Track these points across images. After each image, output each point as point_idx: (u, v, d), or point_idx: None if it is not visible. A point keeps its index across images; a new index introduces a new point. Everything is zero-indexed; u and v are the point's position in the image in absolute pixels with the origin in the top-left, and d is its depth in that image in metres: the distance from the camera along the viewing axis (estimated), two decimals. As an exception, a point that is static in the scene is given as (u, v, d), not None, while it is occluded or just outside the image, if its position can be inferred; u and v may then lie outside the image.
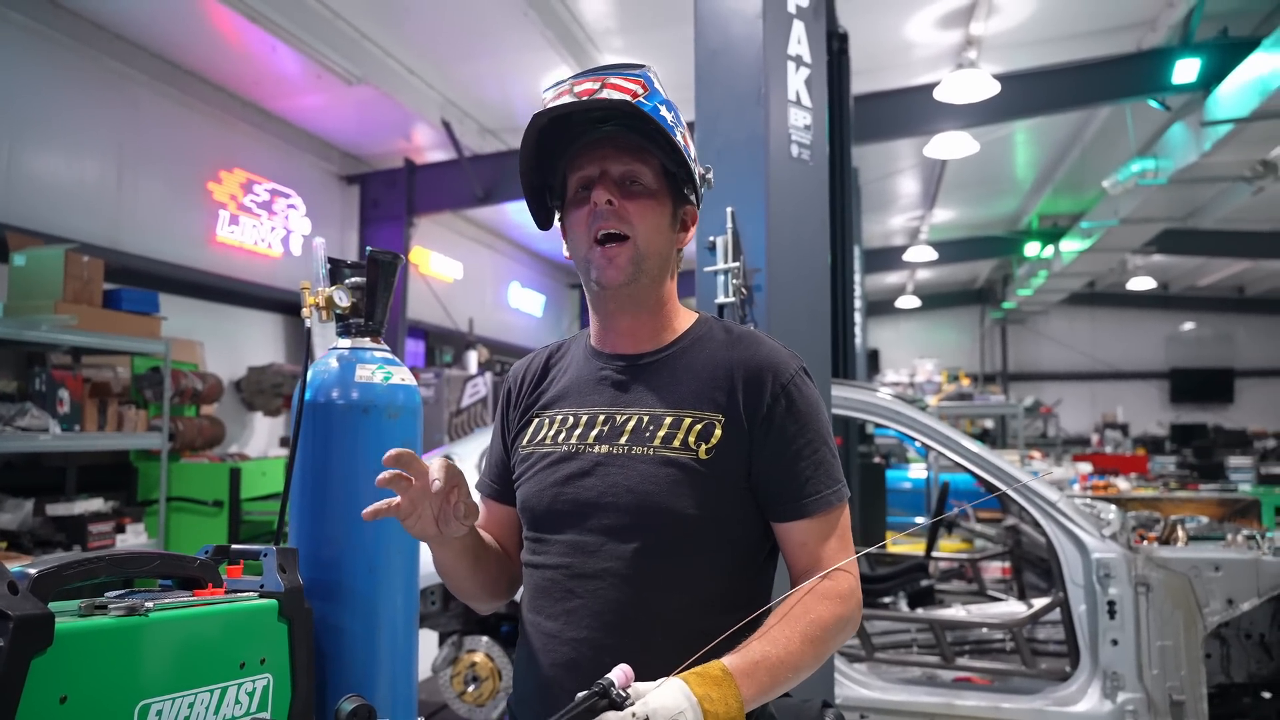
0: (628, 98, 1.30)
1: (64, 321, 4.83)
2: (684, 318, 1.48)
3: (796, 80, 2.66)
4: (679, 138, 1.35)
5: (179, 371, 6.13)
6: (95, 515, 5.20)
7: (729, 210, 2.58)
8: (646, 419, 1.38)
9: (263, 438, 8.25)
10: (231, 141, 7.88)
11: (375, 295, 1.93)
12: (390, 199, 9.57)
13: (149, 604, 1.34)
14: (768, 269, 2.53)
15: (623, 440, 1.37)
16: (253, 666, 1.49)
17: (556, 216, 1.48)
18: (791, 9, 2.68)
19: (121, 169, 6.65)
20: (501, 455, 1.58)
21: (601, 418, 1.41)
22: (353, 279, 1.94)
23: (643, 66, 1.38)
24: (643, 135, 1.34)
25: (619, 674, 1.10)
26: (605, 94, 1.30)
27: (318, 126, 8.79)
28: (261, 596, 1.57)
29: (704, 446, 1.33)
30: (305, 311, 1.86)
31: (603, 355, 1.47)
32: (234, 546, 1.66)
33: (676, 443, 1.34)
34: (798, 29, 2.67)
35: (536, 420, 1.50)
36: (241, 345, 7.91)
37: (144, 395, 5.76)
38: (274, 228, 8.35)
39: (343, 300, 1.88)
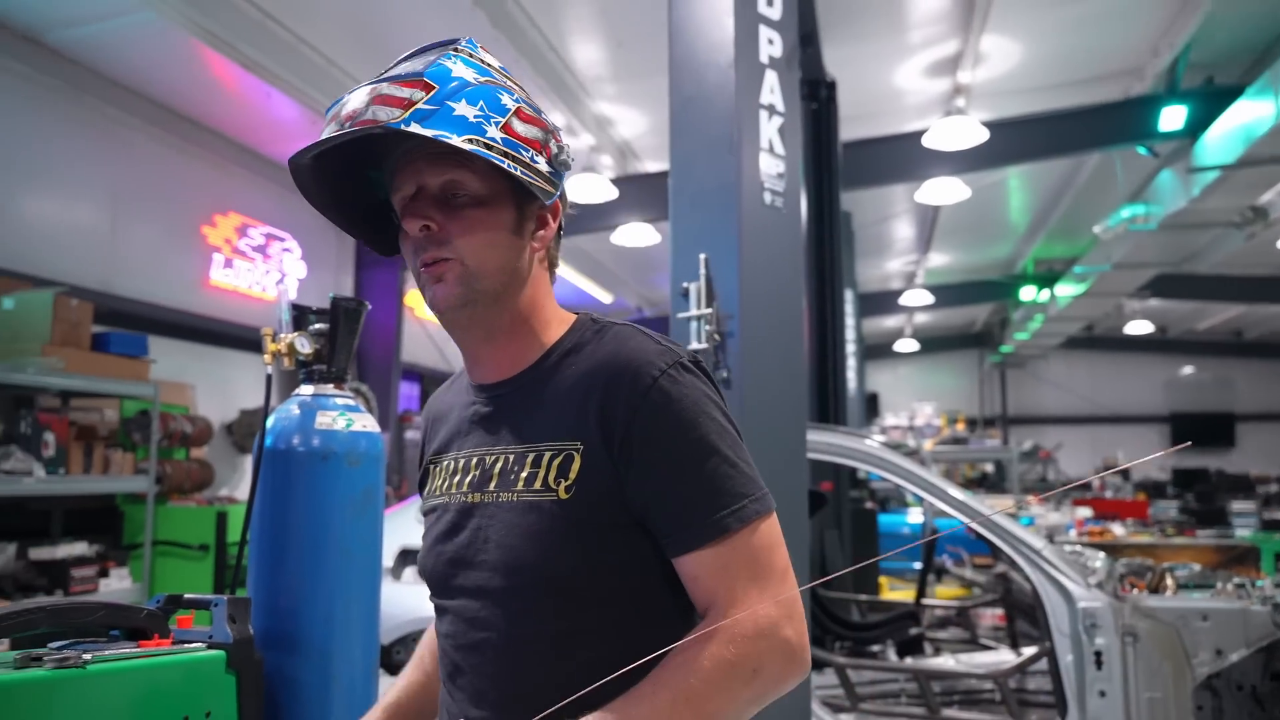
0: (396, 112, 1.07)
1: (51, 364, 4.83)
2: (556, 328, 1.25)
3: (769, 129, 2.68)
4: (493, 130, 1.11)
5: (168, 414, 6.12)
6: (79, 559, 5.16)
7: (702, 257, 2.59)
8: (511, 458, 1.18)
9: (254, 481, 8.21)
10: (227, 186, 7.94)
11: (337, 341, 1.93)
12: (386, 243, 9.61)
13: (86, 655, 1.32)
14: (740, 315, 2.53)
15: (491, 486, 1.19)
16: (197, 719, 1.47)
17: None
18: (764, 59, 2.71)
19: (116, 213, 6.70)
20: None
21: (474, 460, 1.23)
22: (317, 325, 1.95)
23: (443, 50, 1.15)
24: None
25: None
26: (371, 112, 1.08)
27: (315, 171, 8.86)
28: (210, 647, 1.55)
29: (564, 484, 1.12)
30: (266, 358, 1.86)
31: (473, 387, 1.29)
32: (186, 596, 1.65)
33: (538, 483, 1.14)
34: (770, 79, 2.70)
35: (431, 470, 1.34)
36: (234, 388, 7.91)
37: (132, 438, 5.74)
38: (268, 271, 8.40)
39: (304, 347, 1.89)
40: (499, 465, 1.19)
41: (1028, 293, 14.95)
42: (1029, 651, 4.26)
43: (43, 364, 4.82)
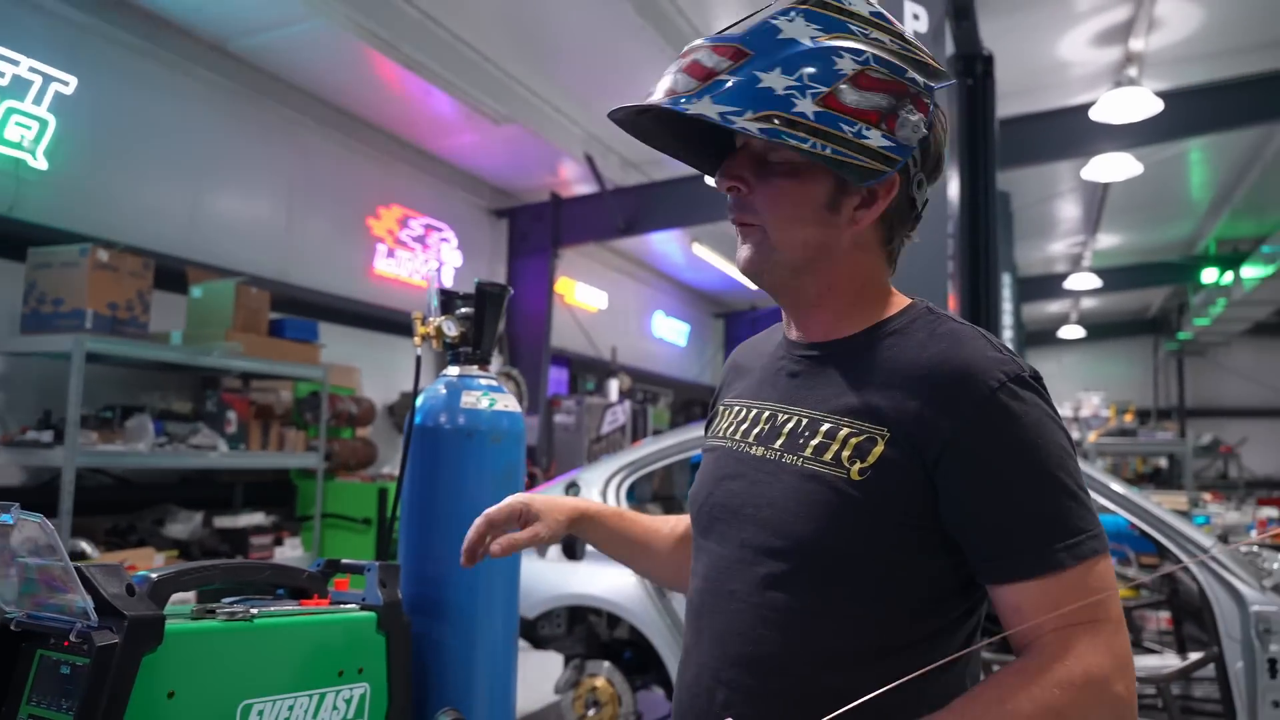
0: (693, 84, 1.04)
1: (233, 348, 5.24)
2: (883, 307, 1.19)
3: (912, 107, 2.61)
4: (804, 103, 1.02)
5: (336, 396, 6.52)
6: (257, 528, 5.59)
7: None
8: (805, 422, 1.16)
9: (414, 460, 8.63)
10: (390, 180, 8.37)
11: (483, 325, 2.02)
12: (537, 232, 9.90)
13: (254, 610, 1.45)
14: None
15: (778, 444, 1.17)
16: (350, 675, 1.58)
17: None
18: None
19: (291, 207, 7.18)
20: None
21: (766, 414, 1.22)
22: (463, 309, 2.04)
23: (770, 12, 1.09)
24: None
25: None
26: (672, 81, 1.06)
27: (469, 164, 9.21)
28: (362, 609, 1.66)
29: (858, 465, 1.07)
30: (416, 340, 1.97)
31: (787, 343, 1.27)
32: (343, 561, 1.77)
33: (828, 456, 1.10)
34: (913, 55, 2.62)
35: (721, 410, 1.35)
36: (396, 371, 8.33)
37: (304, 418, 6.15)
38: (427, 260, 8.79)
39: (451, 330, 1.98)
40: (790, 425, 1.17)
41: (1209, 275, 13.90)
42: (1196, 656, 4.00)
43: (226, 348, 5.23)
